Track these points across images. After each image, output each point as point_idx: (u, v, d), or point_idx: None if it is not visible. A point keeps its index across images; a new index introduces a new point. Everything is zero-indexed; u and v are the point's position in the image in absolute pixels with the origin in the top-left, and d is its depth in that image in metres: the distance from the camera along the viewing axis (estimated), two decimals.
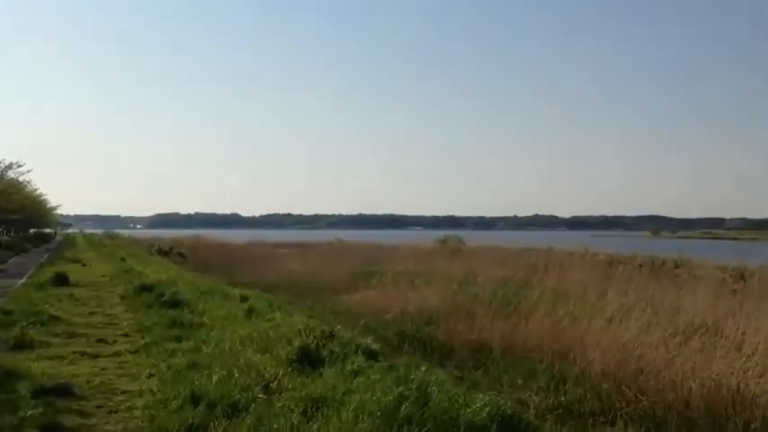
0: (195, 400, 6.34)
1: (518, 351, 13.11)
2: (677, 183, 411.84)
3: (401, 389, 5.62)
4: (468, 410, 5.33)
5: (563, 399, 9.78)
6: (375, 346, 8.77)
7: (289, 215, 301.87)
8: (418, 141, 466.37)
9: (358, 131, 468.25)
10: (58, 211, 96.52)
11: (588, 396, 10.05)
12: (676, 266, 35.76)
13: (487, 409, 5.41)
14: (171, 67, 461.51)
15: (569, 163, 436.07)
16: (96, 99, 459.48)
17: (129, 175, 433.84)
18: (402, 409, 5.26)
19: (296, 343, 8.24)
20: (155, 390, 7.23)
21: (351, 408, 5.44)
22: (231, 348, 8.94)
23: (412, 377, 6.27)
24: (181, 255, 48.35)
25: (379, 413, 5.22)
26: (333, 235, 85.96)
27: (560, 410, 9.05)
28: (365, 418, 5.18)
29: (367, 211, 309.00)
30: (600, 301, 16.66)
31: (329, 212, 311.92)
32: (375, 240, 68.94)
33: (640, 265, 35.42)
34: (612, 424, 8.78)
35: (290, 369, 7.40)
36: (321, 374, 7.21)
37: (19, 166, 42.41)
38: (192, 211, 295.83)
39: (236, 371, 7.25)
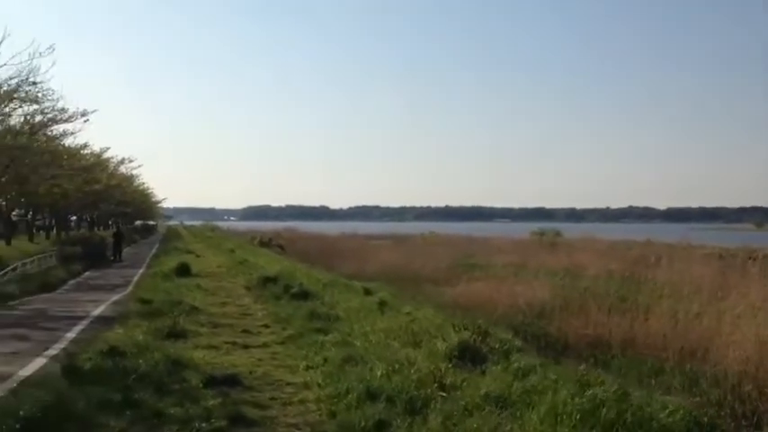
0: (371, 395, 6.35)
1: (639, 348, 12.73)
2: None
3: (595, 391, 5.50)
4: (662, 416, 5.16)
5: (699, 400, 9.45)
6: (519, 343, 8.65)
7: (376, 207, 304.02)
8: (508, 133, 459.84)
9: (447, 124, 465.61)
10: (161, 205, 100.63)
11: (728, 398, 9.67)
12: None
13: (680, 414, 5.24)
14: (272, 67, 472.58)
15: (665, 152, 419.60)
16: (197, 97, 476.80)
17: (224, 168, 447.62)
18: (602, 413, 5.15)
19: (454, 339, 8.16)
20: (321, 383, 7.32)
21: (542, 409, 5.36)
22: (379, 342, 8.96)
23: (599, 379, 6.12)
24: (280, 246, 49.56)
25: (577, 415, 5.13)
26: (420, 227, 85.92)
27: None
28: (564, 419, 5.09)
29: (454, 203, 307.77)
30: (720, 296, 16.00)
31: (416, 204, 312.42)
32: (466, 232, 68.46)
33: (752, 259, 33.71)
34: (759, 428, 8.39)
35: (450, 365, 7.34)
36: (484, 372, 7.12)
37: (131, 161, 44.50)
38: (283, 204, 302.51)
39: (396, 365, 7.24)
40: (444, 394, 6.26)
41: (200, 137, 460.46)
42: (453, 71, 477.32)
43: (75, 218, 50.28)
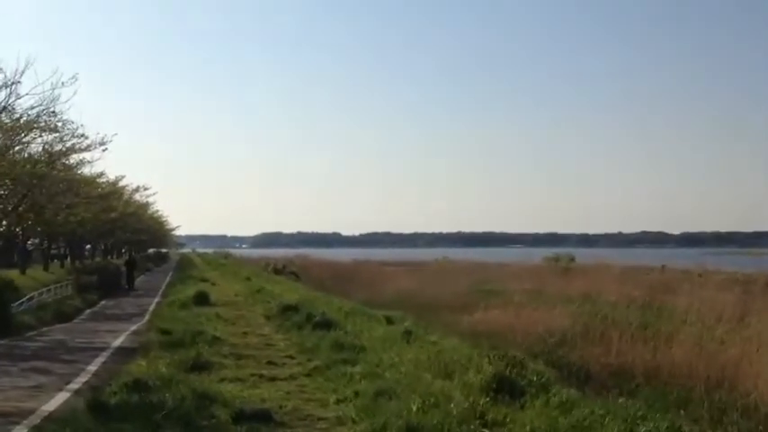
0: (412, 430, 6.18)
1: (663, 377, 12.51)
2: None
3: (647, 427, 5.34)
4: None
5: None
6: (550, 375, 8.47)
7: (387, 234, 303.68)
8: (518, 156, 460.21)
9: (458, 149, 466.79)
10: (175, 232, 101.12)
11: (761, 428, 9.44)
12: None
13: None
14: (277, 91, 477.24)
15: (678, 177, 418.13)
16: (208, 124, 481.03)
17: (236, 196, 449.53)
18: None
19: (489, 370, 7.96)
20: (355, 417, 7.14)
21: None
22: (409, 373, 8.76)
23: (648, 415, 5.95)
24: (294, 273, 49.58)
25: None
26: (432, 253, 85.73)
27: None
28: None
29: (466, 229, 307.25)
30: (742, 324, 15.74)
31: (428, 231, 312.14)
32: (480, 258, 68.19)
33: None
34: None
35: (487, 399, 7.16)
36: (523, 406, 6.91)
37: (146, 189, 44.71)
38: (294, 231, 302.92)
39: (432, 399, 7.06)
40: (487, 431, 6.11)
41: (212, 165, 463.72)
42: (464, 97, 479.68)
43: (89, 246, 50.45)
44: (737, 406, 10.12)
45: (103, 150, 23.85)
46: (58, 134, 20.58)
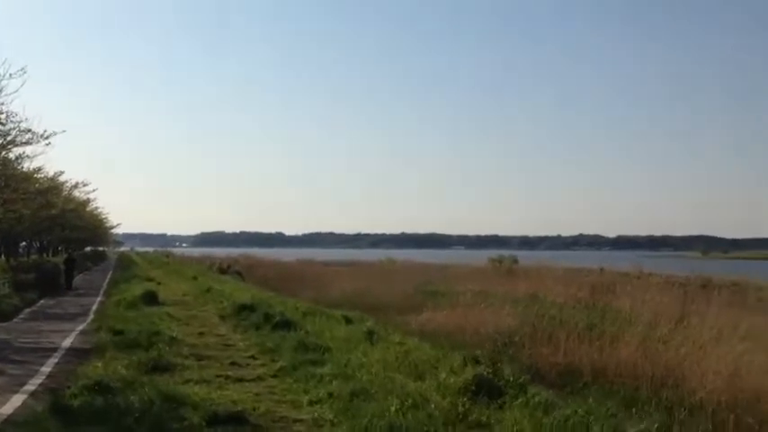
0: None
1: (610, 376, 12.87)
2: (727, 201, 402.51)
3: (636, 427, 5.47)
4: None
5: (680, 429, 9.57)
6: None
7: (331, 234, 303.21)
8: (461, 160, 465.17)
9: (401, 151, 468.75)
10: (114, 231, 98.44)
11: (710, 427, 9.82)
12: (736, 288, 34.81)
13: None
14: (218, 84, 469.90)
15: (613, 181, 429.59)
16: (145, 118, 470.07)
17: (175, 193, 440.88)
18: None
19: (468, 372, 7.96)
20: (333, 419, 7.04)
21: None
22: (378, 374, 8.70)
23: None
24: (238, 273, 48.94)
25: None
26: (376, 254, 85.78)
27: None
28: None
29: (409, 230, 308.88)
30: (682, 325, 16.33)
31: (371, 232, 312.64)
32: (424, 259, 68.67)
33: (704, 287, 34.59)
34: None
35: (465, 399, 7.15)
36: (502, 406, 6.93)
37: (85, 185, 43.21)
38: (237, 230, 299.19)
39: (410, 400, 7.01)
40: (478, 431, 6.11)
41: (151, 162, 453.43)
42: (408, 98, 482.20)
43: (23, 244, 48.75)
44: (685, 405, 10.46)
45: (47, 144, 23.12)
46: (2, 127, 19.81)
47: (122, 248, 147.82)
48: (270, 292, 28.47)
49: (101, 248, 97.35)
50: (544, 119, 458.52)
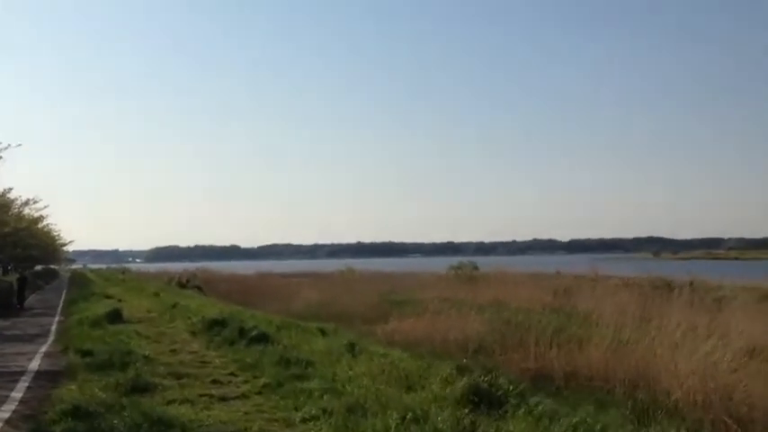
0: None
1: (582, 379, 13.03)
2: (674, 203, 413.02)
3: None
4: None
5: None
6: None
7: (288, 245, 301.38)
8: (413, 167, 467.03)
9: (356, 162, 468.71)
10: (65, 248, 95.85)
11: (686, 428, 9.97)
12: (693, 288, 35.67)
13: None
14: (167, 100, 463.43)
15: (564, 186, 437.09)
16: (89, 133, 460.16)
17: (126, 209, 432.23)
18: None
19: (461, 381, 7.87)
20: None
21: None
22: (369, 387, 8.57)
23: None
24: (198, 287, 48.21)
25: None
26: (334, 264, 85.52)
27: None
28: None
29: (365, 239, 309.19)
30: (649, 325, 16.62)
31: (328, 242, 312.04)
32: (384, 268, 68.77)
33: (660, 287, 35.39)
34: None
35: (467, 411, 7.06)
36: (503, 416, 6.88)
37: (35, 202, 41.97)
38: (192, 244, 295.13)
39: (410, 413, 6.88)
40: None
41: (102, 177, 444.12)
42: (363, 108, 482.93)
43: None
44: (661, 406, 10.60)
45: None
46: None
47: (74, 266, 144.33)
48: (235, 306, 28.13)
49: (52, 266, 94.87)
50: (493, 124, 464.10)
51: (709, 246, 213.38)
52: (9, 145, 21.91)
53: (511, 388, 7.95)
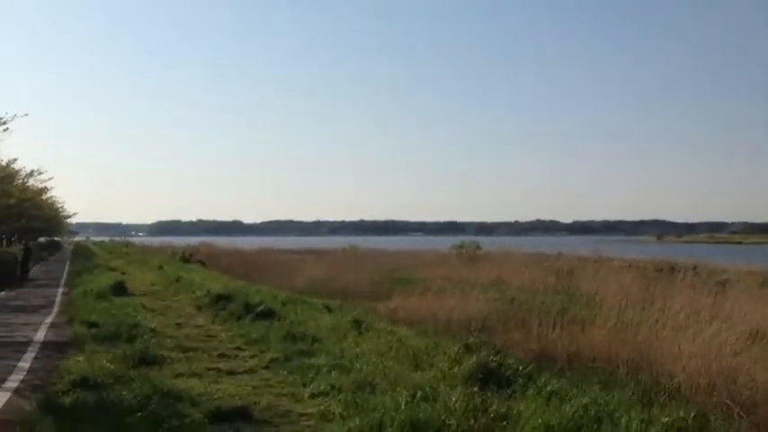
0: (416, 427, 5.96)
1: (585, 360, 13.04)
2: (678, 186, 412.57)
3: (671, 417, 5.48)
4: None
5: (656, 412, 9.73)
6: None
7: (290, 222, 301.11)
8: (419, 147, 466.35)
9: (359, 137, 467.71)
10: (69, 220, 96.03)
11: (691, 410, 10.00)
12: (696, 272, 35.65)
13: None
14: (172, 75, 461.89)
15: (569, 167, 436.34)
16: (96, 108, 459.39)
17: (130, 182, 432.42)
18: None
19: (470, 360, 7.82)
20: (342, 413, 6.83)
21: None
22: (377, 364, 8.54)
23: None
24: (201, 262, 48.25)
25: None
26: (336, 241, 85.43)
27: None
28: None
29: (368, 217, 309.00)
30: (652, 308, 16.64)
31: (330, 219, 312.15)
32: (387, 246, 68.78)
33: (664, 270, 35.39)
34: None
35: (475, 389, 7.03)
36: (511, 396, 6.85)
37: (40, 173, 41.83)
38: (194, 219, 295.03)
39: (419, 391, 6.86)
40: (501, 423, 5.98)
41: (107, 149, 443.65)
42: (364, 86, 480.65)
43: None
44: (664, 388, 10.62)
45: (4, 130, 22.40)
46: None
47: (77, 238, 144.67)
48: (238, 280, 28.18)
49: (56, 238, 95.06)
50: (499, 105, 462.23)
51: (712, 230, 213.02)
52: (15, 115, 21.75)
53: (520, 368, 7.89)
